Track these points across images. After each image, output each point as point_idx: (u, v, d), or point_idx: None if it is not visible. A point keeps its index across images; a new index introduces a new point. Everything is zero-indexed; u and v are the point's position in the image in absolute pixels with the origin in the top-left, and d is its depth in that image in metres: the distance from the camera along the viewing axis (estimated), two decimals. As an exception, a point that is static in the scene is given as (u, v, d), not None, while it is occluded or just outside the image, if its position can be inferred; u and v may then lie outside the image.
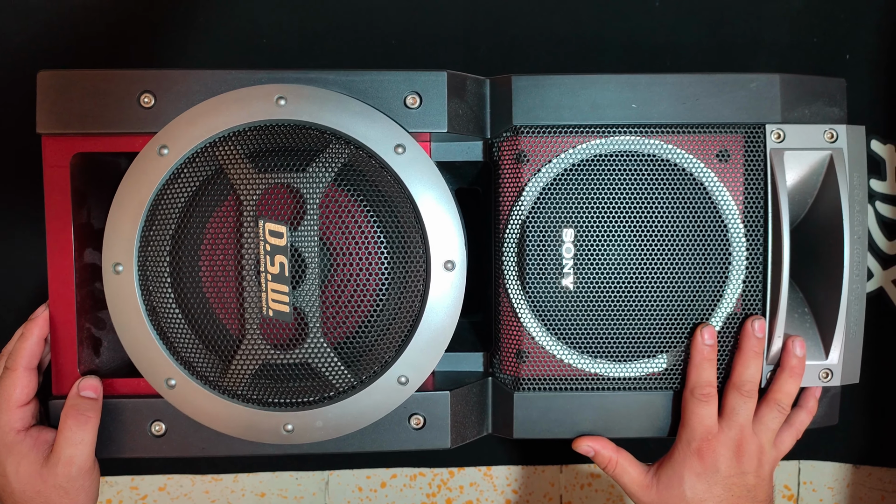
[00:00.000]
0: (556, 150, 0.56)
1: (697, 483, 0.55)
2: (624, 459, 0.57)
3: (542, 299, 0.56)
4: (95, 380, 0.54)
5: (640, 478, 0.57)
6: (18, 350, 0.54)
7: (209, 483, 0.77)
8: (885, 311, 0.74)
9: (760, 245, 0.56)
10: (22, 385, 0.53)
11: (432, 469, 0.78)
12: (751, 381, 0.56)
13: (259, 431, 0.53)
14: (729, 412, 0.56)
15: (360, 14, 0.73)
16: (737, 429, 0.55)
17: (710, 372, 0.56)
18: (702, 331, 0.56)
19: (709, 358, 0.56)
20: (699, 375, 0.56)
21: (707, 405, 0.55)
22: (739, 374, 0.56)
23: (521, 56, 0.73)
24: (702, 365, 0.56)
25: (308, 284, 0.51)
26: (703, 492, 0.55)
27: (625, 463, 0.57)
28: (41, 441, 0.54)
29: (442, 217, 0.53)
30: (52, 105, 0.53)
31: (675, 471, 0.56)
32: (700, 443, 0.55)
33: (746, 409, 0.56)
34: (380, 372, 0.53)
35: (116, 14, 0.72)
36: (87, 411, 0.53)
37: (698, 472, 0.55)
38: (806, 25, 0.73)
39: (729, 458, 0.55)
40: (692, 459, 0.55)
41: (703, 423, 0.55)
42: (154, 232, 0.52)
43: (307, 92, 0.52)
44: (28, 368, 0.54)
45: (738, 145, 0.56)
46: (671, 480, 0.56)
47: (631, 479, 0.57)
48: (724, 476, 0.55)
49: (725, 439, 0.55)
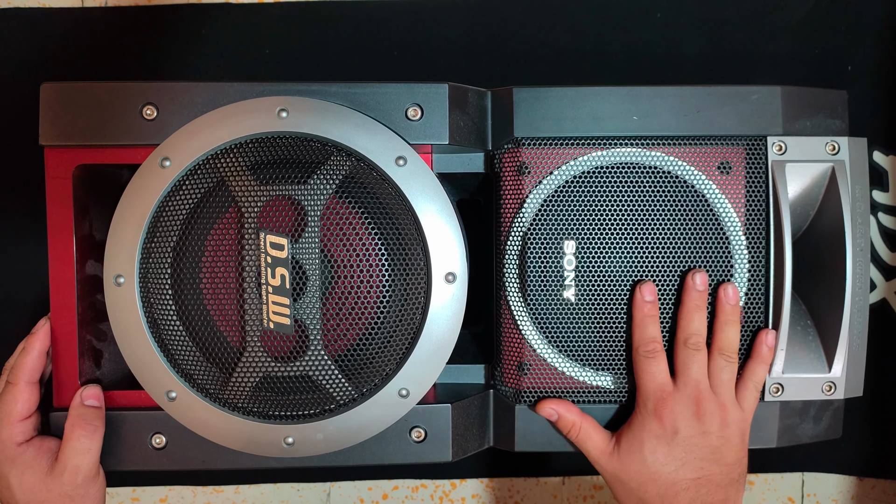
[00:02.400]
0: (557, 162, 0.56)
1: (658, 446, 0.53)
2: (588, 424, 0.56)
3: (543, 311, 0.56)
4: (97, 388, 0.55)
5: (602, 444, 0.55)
6: (20, 364, 0.54)
7: (210, 495, 0.77)
8: (888, 322, 0.74)
9: (762, 257, 0.56)
10: (24, 399, 0.53)
11: (434, 481, 0.78)
12: (696, 334, 0.54)
13: (260, 444, 0.53)
14: (681, 368, 0.54)
15: (362, 25, 0.73)
16: (692, 385, 0.54)
17: (652, 328, 0.55)
18: (640, 288, 0.55)
19: (650, 314, 0.55)
20: (643, 332, 0.55)
21: (655, 361, 0.54)
22: (684, 328, 0.55)
23: (522, 67, 0.73)
24: (644, 322, 0.55)
25: (309, 297, 0.51)
26: (664, 455, 0.53)
27: (588, 428, 0.55)
28: (44, 450, 0.53)
29: (443, 229, 0.53)
30: (55, 117, 0.53)
31: (635, 435, 0.54)
32: (655, 402, 0.54)
33: (698, 364, 0.54)
34: (381, 384, 0.53)
35: (119, 26, 0.72)
36: (94, 420, 0.53)
37: (657, 435, 0.53)
38: (807, 37, 0.73)
39: (688, 418, 0.53)
40: (650, 421, 0.54)
41: (654, 380, 0.54)
42: (155, 244, 0.52)
43: (309, 104, 0.52)
44: (29, 383, 0.54)
45: (740, 157, 0.56)
46: (631, 446, 0.54)
47: (594, 445, 0.55)
48: (684, 437, 0.53)
49: (681, 397, 0.54)
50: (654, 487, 0.53)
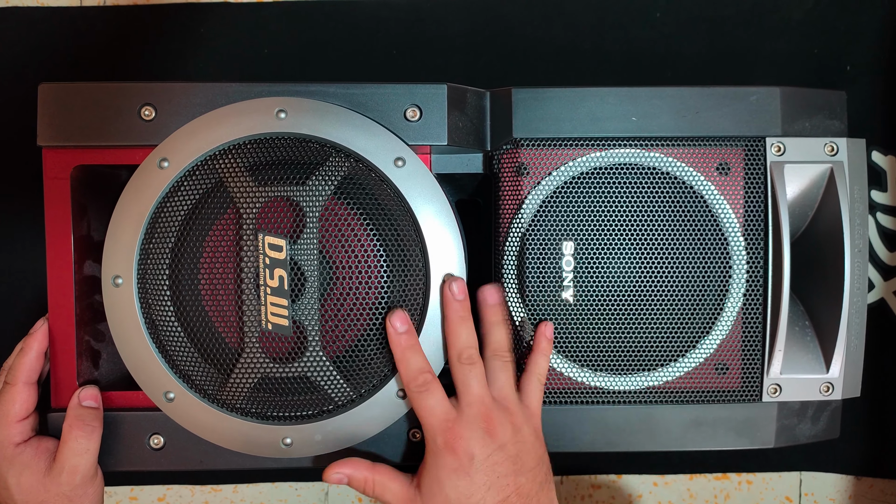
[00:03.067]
0: (556, 163, 0.56)
1: (458, 480, 0.50)
2: (381, 476, 0.52)
3: (542, 312, 0.56)
4: (94, 389, 0.55)
5: (402, 493, 0.52)
6: (18, 365, 0.54)
7: (209, 494, 0.77)
8: (886, 322, 0.74)
9: (761, 258, 0.56)
10: (21, 400, 0.53)
11: (432, 480, 0.78)
12: (468, 347, 0.52)
13: (258, 445, 0.53)
14: (461, 388, 0.52)
15: (360, 24, 0.73)
16: (476, 403, 0.51)
17: (416, 359, 0.52)
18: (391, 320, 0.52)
19: (408, 345, 0.52)
20: (407, 367, 0.52)
21: (429, 394, 0.51)
22: (453, 343, 0.52)
23: (521, 67, 0.73)
24: (404, 356, 0.52)
25: (307, 298, 0.51)
26: (466, 486, 0.49)
27: (383, 480, 0.52)
28: (42, 450, 0.54)
29: (441, 230, 0.53)
30: (53, 117, 0.53)
31: (432, 475, 0.51)
32: (444, 435, 0.50)
33: (476, 378, 0.51)
34: (379, 385, 0.53)
35: (118, 26, 0.72)
36: (92, 421, 0.53)
37: (454, 469, 0.50)
38: (806, 37, 0.73)
39: (480, 439, 0.50)
40: (443, 457, 0.50)
41: (434, 414, 0.51)
42: (154, 245, 0.52)
43: (307, 105, 0.52)
44: (27, 383, 0.54)
45: (739, 158, 0.56)
46: (431, 487, 0.50)
47: (394, 495, 0.52)
48: (481, 460, 0.50)
49: (468, 420, 0.50)
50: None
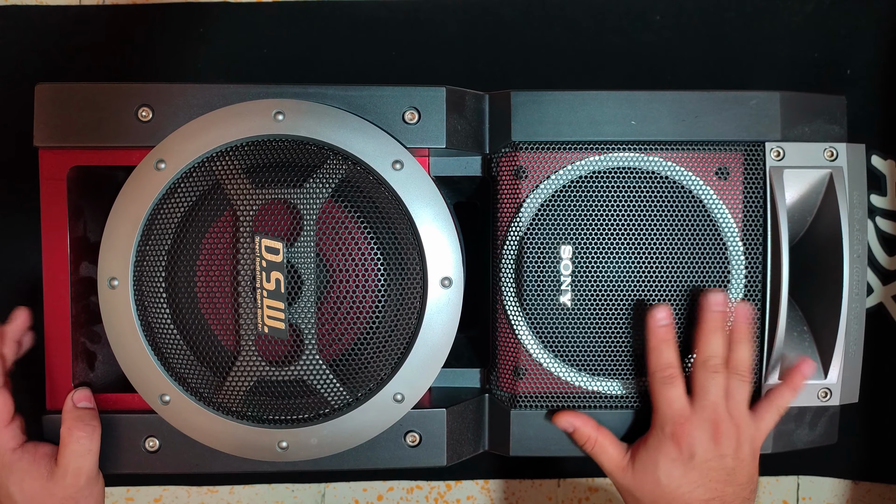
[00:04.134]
0: (554, 166, 0.56)
1: (673, 469, 0.53)
2: (604, 438, 0.55)
3: (539, 316, 0.56)
4: (87, 391, 0.55)
5: (617, 458, 0.55)
6: None
7: (205, 495, 0.77)
8: (884, 326, 0.74)
9: (759, 263, 0.56)
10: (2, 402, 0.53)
11: (429, 482, 0.78)
12: (715, 356, 0.54)
13: (253, 448, 0.53)
14: (699, 391, 0.54)
15: (359, 25, 0.73)
16: (710, 409, 0.53)
17: (668, 353, 0.54)
18: (653, 312, 0.54)
19: (665, 339, 0.54)
20: (658, 358, 0.54)
21: (672, 386, 0.54)
22: (703, 349, 0.54)
23: (519, 70, 0.73)
24: (659, 347, 0.54)
25: (304, 301, 0.51)
26: (679, 478, 0.53)
27: (604, 442, 0.55)
28: (40, 455, 0.53)
29: (439, 234, 0.53)
30: (50, 118, 0.53)
31: (650, 456, 0.54)
32: (673, 427, 0.53)
33: (716, 386, 0.54)
34: (375, 389, 0.53)
35: (116, 25, 0.72)
36: (91, 421, 0.53)
37: (674, 458, 0.53)
38: (806, 41, 0.73)
39: (706, 442, 0.53)
40: (667, 444, 0.53)
41: (671, 406, 0.53)
42: (150, 246, 0.52)
43: (305, 107, 0.52)
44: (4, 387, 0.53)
45: (738, 163, 0.56)
46: (646, 465, 0.54)
47: (609, 459, 0.55)
48: (701, 461, 0.53)
49: (699, 421, 0.53)
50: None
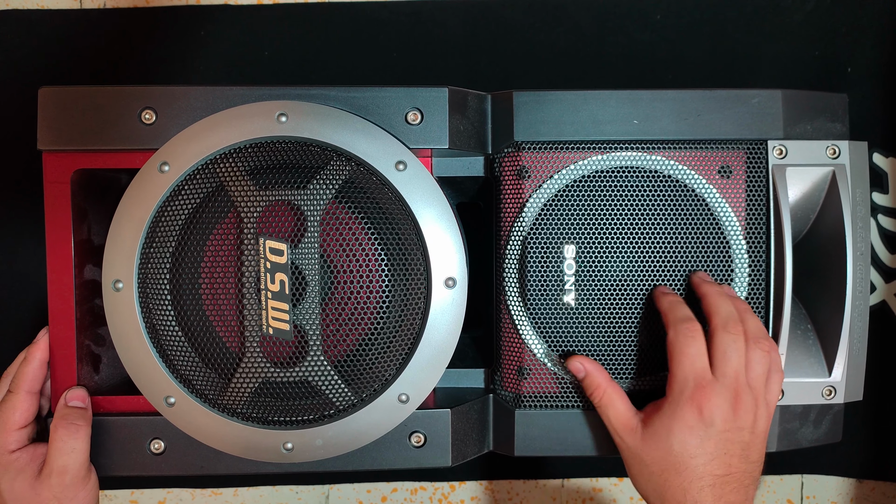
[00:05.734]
0: (557, 166, 0.56)
1: (689, 437, 0.50)
2: (614, 392, 0.53)
3: (543, 316, 0.56)
4: (82, 390, 0.54)
5: (626, 416, 0.53)
6: (20, 374, 0.54)
7: (209, 497, 0.77)
8: (888, 324, 0.74)
9: (763, 261, 0.56)
10: (22, 409, 0.53)
11: (433, 483, 0.78)
12: (733, 318, 0.52)
13: (259, 450, 0.53)
14: (720, 356, 0.51)
15: (361, 27, 0.73)
16: (731, 376, 0.50)
17: (685, 309, 0.52)
18: (657, 289, 0.54)
19: (678, 300, 0.53)
20: (676, 313, 0.52)
21: (695, 341, 0.51)
22: (717, 312, 0.52)
23: (521, 70, 0.73)
24: (673, 305, 0.53)
25: (308, 302, 0.51)
26: (695, 447, 0.50)
27: (614, 395, 0.53)
28: (36, 456, 0.53)
29: (443, 234, 0.53)
30: (53, 121, 0.53)
31: (664, 422, 0.51)
32: (694, 390, 0.50)
33: (738, 352, 0.51)
34: (380, 390, 0.53)
35: (118, 28, 0.72)
36: (76, 420, 0.53)
37: (691, 426, 0.50)
38: (807, 39, 0.73)
39: (726, 411, 0.50)
40: (685, 409, 0.50)
41: (694, 366, 0.51)
42: (154, 249, 0.52)
43: (308, 109, 0.52)
44: (29, 392, 0.54)
45: (741, 161, 0.56)
46: (657, 430, 0.51)
47: (616, 415, 0.53)
48: (718, 430, 0.50)
49: (721, 388, 0.50)
50: (677, 478, 0.50)
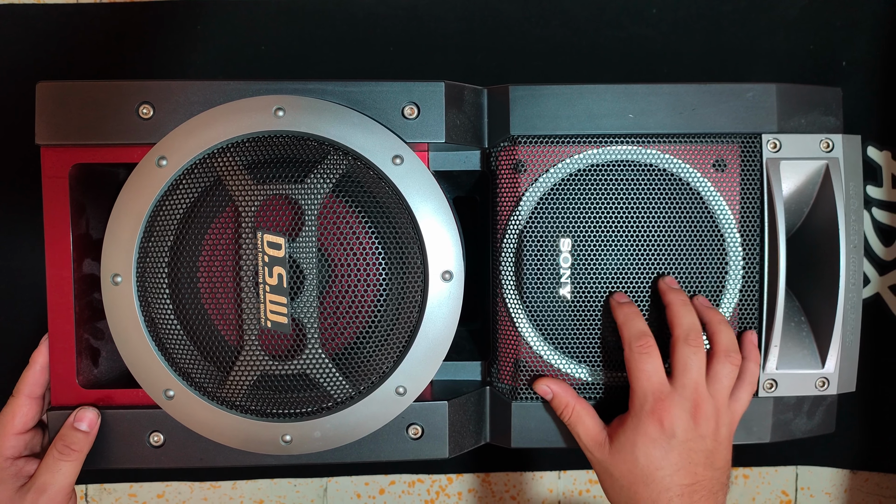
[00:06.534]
0: (553, 160, 0.56)
1: (652, 449, 0.51)
2: (581, 409, 0.54)
3: (539, 309, 0.57)
4: (93, 413, 0.54)
5: (594, 431, 0.54)
6: (21, 378, 0.54)
7: (207, 490, 0.77)
8: (881, 316, 0.74)
9: (757, 254, 0.57)
10: (21, 413, 0.53)
11: (431, 476, 0.78)
12: (694, 330, 0.53)
13: (257, 442, 0.53)
14: (680, 368, 0.52)
15: (357, 21, 0.73)
16: (691, 387, 0.52)
17: (640, 323, 0.53)
18: (613, 297, 0.55)
19: (632, 311, 0.54)
20: (630, 328, 0.53)
21: (649, 358, 0.52)
22: (680, 323, 0.53)
23: (517, 64, 0.73)
24: (628, 318, 0.54)
25: (306, 295, 0.51)
26: (659, 459, 0.51)
27: (582, 412, 0.54)
28: (24, 472, 0.53)
29: (439, 227, 0.53)
30: (51, 116, 0.53)
31: (628, 436, 0.52)
32: (654, 404, 0.51)
33: (698, 363, 0.52)
34: (378, 382, 0.53)
35: (114, 22, 0.72)
36: (74, 444, 0.53)
37: (654, 438, 0.51)
38: (802, 33, 0.73)
39: (686, 421, 0.51)
40: (646, 423, 0.51)
41: (650, 380, 0.52)
42: (153, 243, 0.52)
43: (305, 103, 0.52)
44: (30, 396, 0.54)
45: (735, 155, 0.56)
46: (623, 445, 0.52)
47: (585, 431, 0.54)
48: (681, 441, 0.51)
49: (680, 399, 0.51)
50: (645, 490, 0.51)
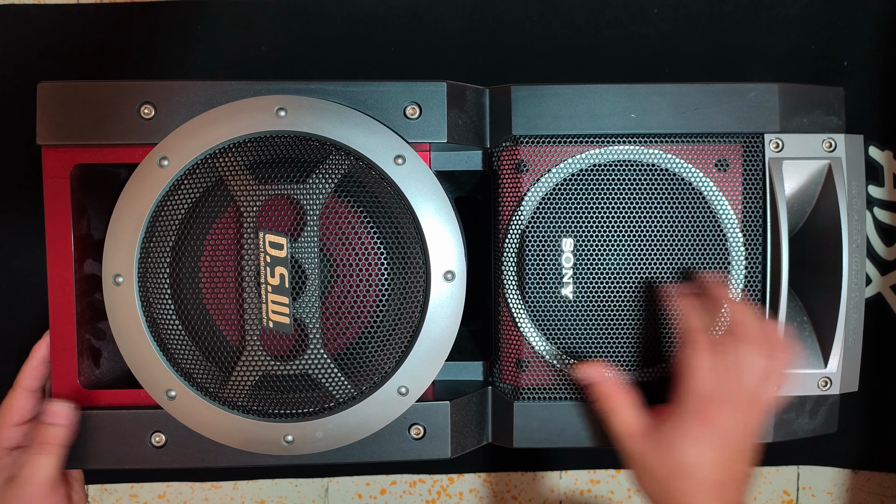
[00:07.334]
0: (555, 160, 0.56)
1: (694, 448, 0.50)
2: (621, 398, 0.53)
3: (541, 309, 0.57)
4: (65, 406, 0.53)
5: (630, 423, 0.52)
6: (20, 371, 0.54)
7: (209, 490, 0.77)
8: (883, 316, 0.74)
9: (759, 254, 0.56)
10: (18, 406, 0.54)
11: (432, 476, 0.78)
12: (751, 324, 0.52)
13: (259, 443, 0.53)
14: (728, 367, 0.51)
15: (359, 21, 0.73)
16: (735, 386, 0.51)
17: (696, 318, 0.52)
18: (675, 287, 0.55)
19: (698, 304, 0.53)
20: (694, 321, 0.52)
21: (706, 354, 0.51)
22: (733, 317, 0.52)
23: (519, 64, 0.73)
24: (694, 309, 0.53)
25: (308, 296, 0.51)
26: (697, 456, 0.50)
27: (620, 402, 0.53)
28: (19, 463, 0.53)
29: (441, 227, 0.53)
30: (52, 116, 0.53)
31: (670, 431, 0.50)
32: (703, 404, 0.50)
33: (756, 362, 0.51)
34: (380, 383, 0.53)
35: (115, 22, 0.72)
36: (49, 438, 0.52)
37: (696, 437, 0.50)
38: (803, 33, 0.73)
39: (729, 421, 0.50)
40: (692, 422, 0.50)
41: (702, 379, 0.51)
42: (154, 243, 0.52)
43: (307, 103, 0.52)
44: (27, 389, 0.54)
45: (737, 155, 0.56)
46: (663, 439, 0.51)
47: (619, 422, 0.53)
48: (722, 440, 0.50)
49: (727, 400, 0.50)
50: (681, 484, 0.50)
